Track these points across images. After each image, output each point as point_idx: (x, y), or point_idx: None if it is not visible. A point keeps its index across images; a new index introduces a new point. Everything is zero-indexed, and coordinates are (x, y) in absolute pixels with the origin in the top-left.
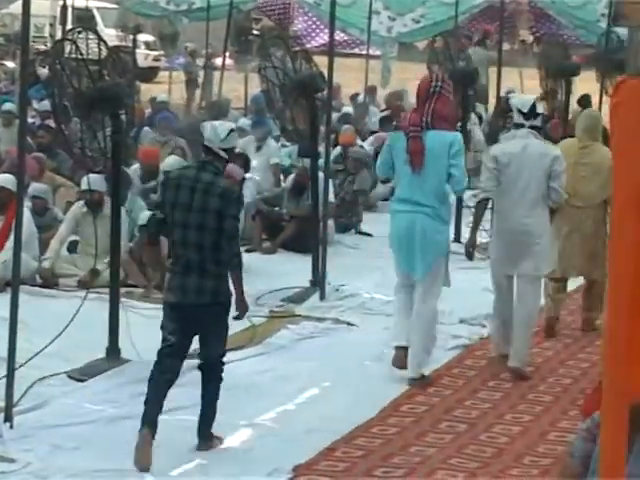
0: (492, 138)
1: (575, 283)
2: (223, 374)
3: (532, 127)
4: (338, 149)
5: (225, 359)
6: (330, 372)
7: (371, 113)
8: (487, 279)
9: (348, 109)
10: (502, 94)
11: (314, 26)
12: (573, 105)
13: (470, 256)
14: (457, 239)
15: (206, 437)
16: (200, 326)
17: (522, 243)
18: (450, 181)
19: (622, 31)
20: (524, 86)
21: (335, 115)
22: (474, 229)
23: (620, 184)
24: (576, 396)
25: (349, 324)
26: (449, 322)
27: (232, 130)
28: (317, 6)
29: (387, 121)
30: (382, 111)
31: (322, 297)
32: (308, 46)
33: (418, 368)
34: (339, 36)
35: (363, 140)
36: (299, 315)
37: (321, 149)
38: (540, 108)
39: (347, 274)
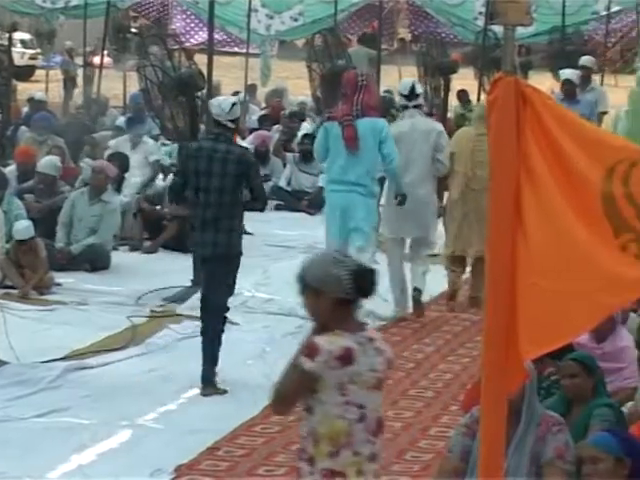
0: None
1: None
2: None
3: (415, 106)
4: None
5: (106, 359)
6: None
7: (251, 111)
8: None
9: None
10: (382, 93)
11: (193, 24)
12: (451, 102)
13: None
14: None
15: (208, 382)
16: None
17: (414, 210)
18: (384, 160)
19: (499, 29)
20: None
21: None
22: None
23: (497, 177)
24: (457, 391)
25: (231, 323)
26: None
27: (234, 104)
28: (195, 4)
29: (266, 119)
30: (262, 109)
31: None
32: (187, 44)
33: None
34: (218, 34)
35: (243, 138)
36: (180, 315)
37: None
38: (419, 88)
39: None
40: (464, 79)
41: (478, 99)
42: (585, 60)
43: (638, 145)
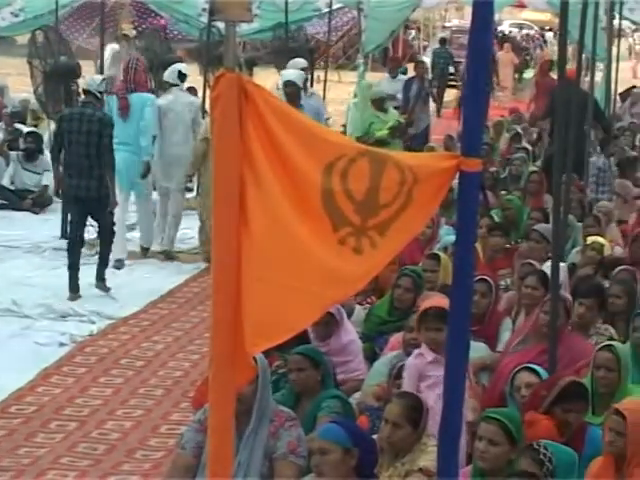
0: None
1: None
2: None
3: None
4: None
5: None
6: None
7: None
8: (93, 275)
9: None
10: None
11: None
12: None
13: None
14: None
15: (102, 279)
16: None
17: (176, 163)
18: (143, 127)
19: (222, 25)
20: None
21: None
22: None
23: (220, 173)
24: (187, 388)
25: None
26: (56, 317)
27: (104, 79)
28: None
29: None
30: None
31: None
32: None
33: None
34: None
35: None
36: None
37: None
38: (185, 69)
39: None
40: (189, 75)
41: (204, 95)
42: (301, 62)
43: (357, 142)
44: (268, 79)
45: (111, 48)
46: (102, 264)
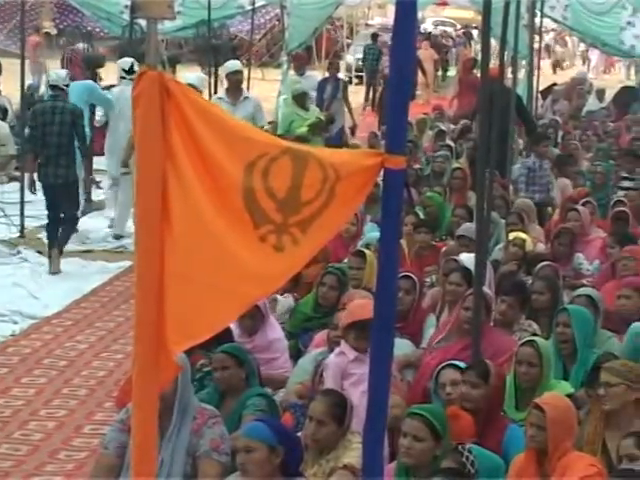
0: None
1: None
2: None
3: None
4: None
5: None
6: None
7: None
8: (18, 274)
9: None
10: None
11: None
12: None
13: None
14: None
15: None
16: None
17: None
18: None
19: (145, 23)
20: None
21: None
22: None
23: (143, 171)
24: (111, 388)
25: None
26: None
27: (67, 73)
28: None
29: None
30: None
31: None
32: None
33: None
34: None
35: None
36: None
37: None
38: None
39: None
40: (113, 72)
41: None
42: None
43: (279, 140)
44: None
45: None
46: (58, 249)
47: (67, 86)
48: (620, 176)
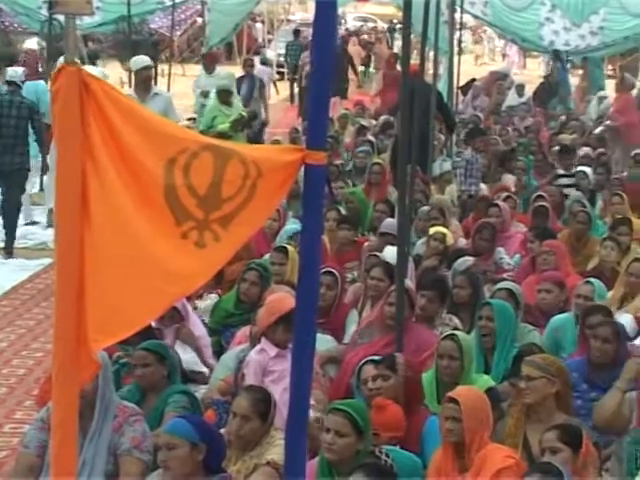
0: None
1: None
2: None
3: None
4: None
5: None
6: None
7: None
8: None
9: None
10: None
11: None
12: None
13: None
14: None
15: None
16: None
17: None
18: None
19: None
20: None
21: None
22: None
23: (62, 168)
24: (31, 386)
25: None
26: None
27: (24, 71)
28: None
29: None
30: None
31: None
32: None
33: None
34: None
35: None
36: None
37: None
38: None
39: None
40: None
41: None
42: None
43: (201, 136)
44: (111, 72)
45: None
46: (10, 236)
47: (23, 82)
48: (556, 174)
